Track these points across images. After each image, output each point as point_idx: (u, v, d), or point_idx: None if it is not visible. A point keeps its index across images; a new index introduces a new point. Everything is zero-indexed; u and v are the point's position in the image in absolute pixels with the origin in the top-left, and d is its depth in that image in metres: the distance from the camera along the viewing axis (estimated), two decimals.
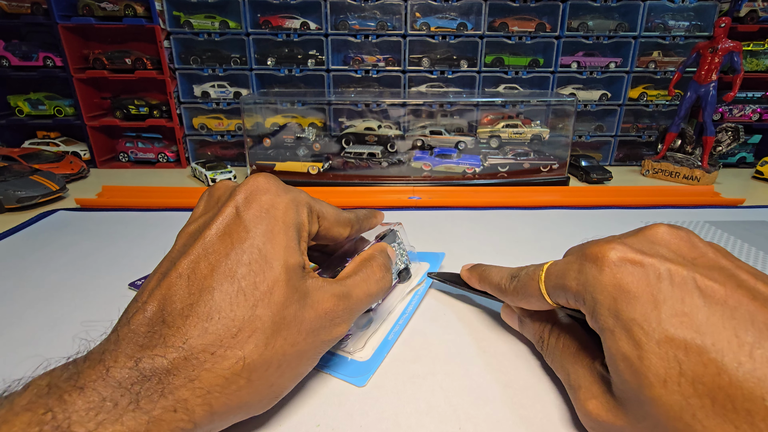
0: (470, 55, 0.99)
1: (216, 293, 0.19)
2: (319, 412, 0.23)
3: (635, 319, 0.17)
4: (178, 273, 0.20)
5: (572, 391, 0.22)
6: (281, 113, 0.95)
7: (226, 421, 0.20)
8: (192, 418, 0.17)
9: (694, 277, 0.17)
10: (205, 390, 0.18)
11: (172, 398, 0.17)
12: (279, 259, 0.21)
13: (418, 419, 0.22)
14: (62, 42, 0.86)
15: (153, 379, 0.17)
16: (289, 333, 0.20)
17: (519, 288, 0.25)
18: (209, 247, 0.21)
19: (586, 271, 0.20)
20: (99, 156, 0.96)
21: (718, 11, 0.95)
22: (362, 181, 0.81)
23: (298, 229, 0.23)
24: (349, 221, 0.28)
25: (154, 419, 0.16)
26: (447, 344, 0.29)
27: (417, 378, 0.26)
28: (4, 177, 0.64)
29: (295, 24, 0.95)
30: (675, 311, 0.17)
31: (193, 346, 0.18)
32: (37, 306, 0.34)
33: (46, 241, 0.48)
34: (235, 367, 0.19)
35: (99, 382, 0.16)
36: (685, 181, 0.86)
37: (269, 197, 0.22)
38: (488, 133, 0.93)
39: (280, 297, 0.20)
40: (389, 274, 0.27)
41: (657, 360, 0.16)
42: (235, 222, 0.21)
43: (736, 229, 0.52)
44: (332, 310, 0.22)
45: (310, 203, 0.25)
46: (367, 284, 0.25)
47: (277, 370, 0.20)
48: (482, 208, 0.60)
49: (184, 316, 0.19)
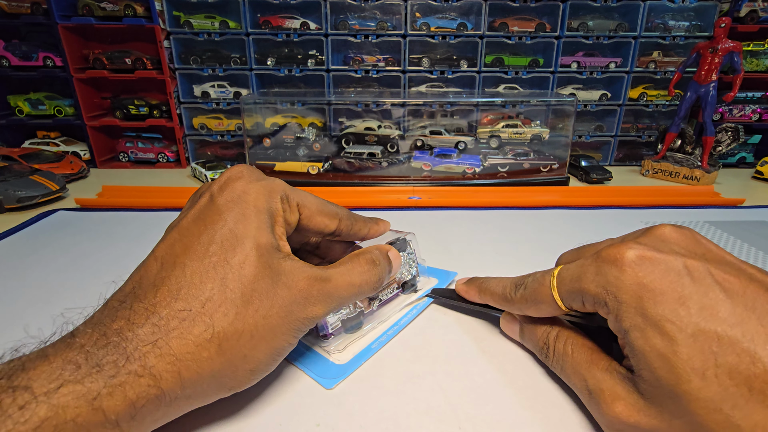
0: (470, 55, 0.99)
1: (187, 269, 0.20)
2: (319, 412, 0.23)
3: (665, 316, 0.17)
4: (155, 256, 0.21)
5: (592, 396, 0.21)
6: (281, 113, 0.95)
7: (200, 392, 0.20)
8: (159, 383, 0.18)
9: (711, 272, 0.18)
10: (174, 357, 0.18)
11: (138, 363, 0.17)
12: (250, 237, 0.21)
13: (418, 419, 0.22)
14: (62, 42, 0.86)
15: (119, 345, 0.17)
16: (260, 305, 0.20)
17: (527, 295, 0.25)
18: (184, 231, 0.22)
19: (605, 273, 0.20)
20: (99, 156, 0.96)
21: (718, 11, 0.95)
22: (362, 181, 0.81)
23: (270, 214, 0.23)
24: (336, 213, 0.27)
25: (118, 382, 0.17)
26: (447, 344, 0.29)
27: (417, 378, 0.25)
28: (4, 177, 0.64)
29: (295, 24, 0.95)
30: (702, 305, 0.17)
31: (162, 314, 0.19)
32: (37, 306, 0.34)
33: (46, 241, 0.48)
34: (204, 334, 0.19)
35: (63, 347, 0.17)
36: (685, 181, 0.86)
37: (242, 183, 0.23)
38: (488, 133, 0.93)
39: (251, 271, 0.21)
40: (377, 270, 0.26)
41: (692, 353, 0.16)
42: (209, 208, 0.22)
43: (736, 229, 0.52)
44: (306, 289, 0.22)
45: (285, 191, 0.25)
46: (350, 274, 0.24)
47: (249, 341, 0.20)
48: (482, 208, 0.60)
49: (155, 288, 0.19)
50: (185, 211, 0.24)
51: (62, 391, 0.15)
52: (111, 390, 0.16)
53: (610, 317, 0.20)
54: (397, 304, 0.33)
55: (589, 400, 0.21)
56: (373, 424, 0.22)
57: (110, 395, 0.16)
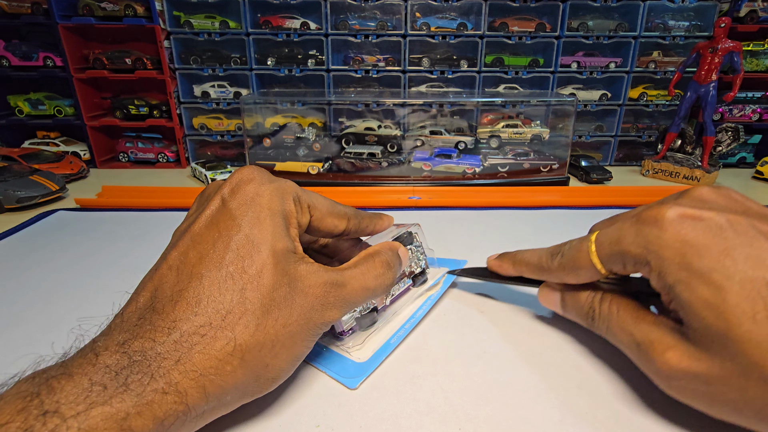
0: (470, 55, 0.99)
1: (205, 279, 0.20)
2: (319, 413, 0.23)
3: (711, 267, 0.18)
4: (168, 265, 0.21)
5: (641, 348, 0.21)
6: (281, 113, 0.95)
7: (224, 403, 0.20)
8: (184, 400, 0.17)
9: (753, 224, 0.18)
10: (197, 372, 0.18)
11: (163, 381, 0.17)
12: (266, 243, 0.21)
13: (418, 420, 0.22)
14: (62, 42, 0.86)
15: (142, 363, 0.17)
16: (280, 315, 0.20)
17: (565, 263, 0.25)
18: (197, 237, 0.21)
19: (646, 233, 0.20)
20: (99, 156, 0.96)
21: (718, 11, 0.95)
22: (362, 181, 0.81)
23: (284, 216, 0.23)
24: (345, 214, 0.27)
25: (145, 401, 0.16)
26: (447, 345, 0.29)
27: (417, 378, 0.25)
28: (4, 177, 0.64)
29: (295, 24, 0.95)
30: (747, 255, 0.18)
31: (183, 330, 0.18)
32: (37, 306, 0.34)
33: (46, 241, 0.48)
34: (227, 348, 0.19)
35: (88, 367, 0.17)
36: (685, 181, 0.86)
37: (254, 186, 0.23)
38: (488, 133, 0.93)
39: (269, 280, 0.20)
40: (391, 272, 0.26)
41: (742, 299, 0.17)
42: (222, 212, 0.22)
43: None
44: (323, 296, 0.22)
45: (297, 192, 0.25)
46: (364, 277, 0.24)
47: (270, 351, 0.20)
48: (482, 208, 0.60)
49: (173, 302, 0.19)
50: (193, 214, 0.24)
51: (91, 414, 0.15)
52: (139, 410, 0.16)
53: (653, 275, 0.20)
54: (409, 297, 0.33)
55: (638, 354, 0.22)
56: (373, 424, 0.22)
57: (139, 415, 0.16)
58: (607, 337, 0.25)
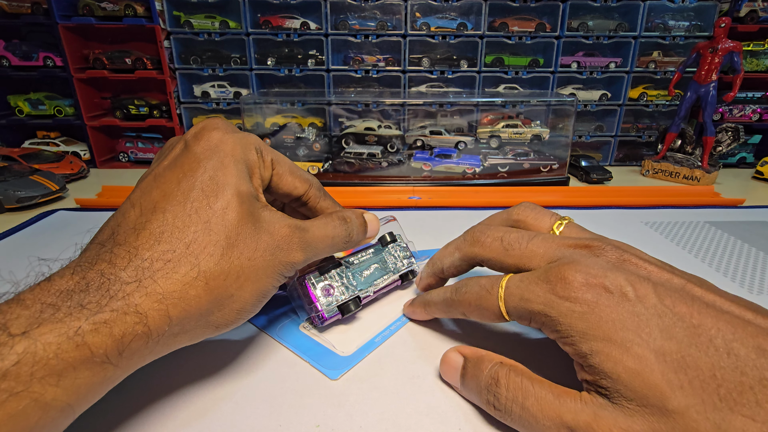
0: (470, 55, 0.99)
1: (168, 213, 0.20)
2: (319, 413, 0.23)
3: (631, 339, 0.18)
4: (131, 203, 0.21)
5: None
6: (281, 113, 0.95)
7: (187, 330, 0.19)
8: (145, 321, 0.17)
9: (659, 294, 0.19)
10: (160, 295, 0.18)
11: (122, 302, 0.17)
12: (231, 185, 0.21)
13: (418, 419, 0.22)
14: (62, 42, 0.86)
15: (101, 286, 0.17)
16: (245, 248, 0.21)
17: (472, 299, 0.24)
18: (160, 178, 0.21)
19: (556, 303, 0.20)
20: (99, 156, 0.96)
21: (718, 11, 0.95)
22: (362, 181, 0.81)
23: (247, 165, 0.23)
24: (307, 179, 0.28)
25: (102, 319, 0.16)
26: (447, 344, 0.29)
27: (417, 378, 0.25)
28: (4, 177, 0.64)
29: (295, 24, 0.95)
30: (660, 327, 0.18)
31: (144, 256, 0.18)
32: None
33: (46, 241, 0.48)
34: (191, 273, 0.19)
35: (40, 293, 0.16)
36: (685, 181, 0.86)
37: (218, 134, 0.23)
38: (488, 133, 0.93)
39: (234, 216, 0.21)
40: (347, 225, 0.27)
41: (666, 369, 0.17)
42: (185, 155, 0.22)
43: (736, 229, 0.52)
44: (288, 236, 0.23)
45: (260, 145, 0.25)
46: (324, 228, 0.26)
47: (236, 281, 0.20)
48: (482, 208, 0.60)
49: (135, 232, 0.19)
50: (156, 161, 0.24)
51: (41, 330, 0.15)
52: (95, 327, 0.16)
53: (563, 340, 0.20)
54: (397, 297, 0.33)
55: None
56: (373, 424, 0.22)
57: (95, 332, 0.16)
58: (518, 425, 0.20)
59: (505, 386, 0.20)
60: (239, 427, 0.22)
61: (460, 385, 0.23)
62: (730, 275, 0.40)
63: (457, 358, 0.24)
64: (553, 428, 0.18)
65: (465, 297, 0.25)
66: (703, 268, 0.41)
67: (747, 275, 0.40)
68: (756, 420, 0.15)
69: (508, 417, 0.20)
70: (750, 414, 0.15)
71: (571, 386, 0.20)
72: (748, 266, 0.42)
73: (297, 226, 0.24)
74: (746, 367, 0.16)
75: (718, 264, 0.42)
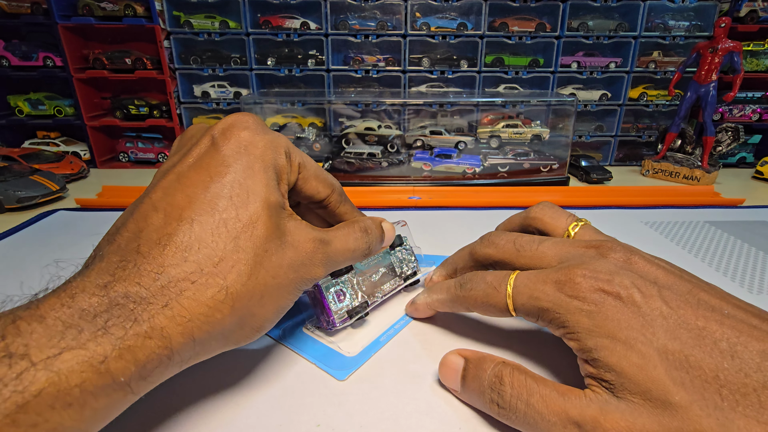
0: (470, 55, 0.99)
1: (195, 224, 0.19)
2: (319, 412, 0.23)
3: (635, 338, 0.18)
4: (153, 205, 0.19)
5: (584, 428, 0.18)
6: (281, 113, 0.95)
7: (207, 349, 0.19)
8: (169, 344, 0.17)
9: (663, 297, 0.19)
10: (186, 318, 0.17)
11: (147, 325, 0.16)
12: (260, 194, 0.21)
13: (418, 419, 0.22)
14: (62, 42, 0.86)
15: (125, 307, 0.16)
16: (270, 266, 0.20)
17: (478, 295, 0.25)
18: (184, 179, 0.20)
19: (565, 303, 0.20)
20: (99, 156, 0.96)
21: (718, 11, 0.95)
22: (362, 181, 0.81)
23: (276, 170, 0.23)
24: (331, 183, 0.27)
25: (126, 345, 0.16)
26: (447, 344, 0.29)
27: (417, 378, 0.25)
28: (4, 177, 0.64)
29: (295, 24, 0.95)
30: (664, 328, 0.18)
31: (171, 275, 0.18)
32: None
33: (46, 241, 0.48)
34: (218, 296, 0.18)
35: (62, 309, 0.15)
36: (685, 181, 0.86)
37: (248, 134, 0.22)
38: (488, 133, 0.93)
39: (262, 231, 0.20)
40: (368, 237, 0.27)
41: (669, 367, 0.17)
42: (212, 154, 0.21)
43: (736, 229, 0.51)
44: (312, 251, 0.22)
45: (289, 148, 0.24)
46: (347, 239, 0.25)
47: (259, 301, 0.20)
48: (482, 208, 0.60)
49: (161, 246, 0.18)
50: (177, 152, 0.22)
51: (64, 357, 0.14)
52: (119, 353, 0.15)
53: (568, 336, 0.20)
54: (401, 297, 0.33)
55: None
56: (373, 424, 0.22)
57: (118, 358, 0.15)
58: (523, 425, 0.20)
59: (509, 384, 0.20)
60: (239, 426, 0.22)
61: (460, 388, 0.23)
62: (730, 275, 0.40)
63: (458, 360, 0.23)
64: (560, 424, 0.18)
65: (471, 293, 0.25)
66: (703, 268, 0.41)
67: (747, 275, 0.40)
68: (760, 421, 0.15)
69: (512, 415, 0.20)
70: (754, 415, 0.16)
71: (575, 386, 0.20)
72: (748, 266, 0.42)
73: (321, 240, 0.23)
74: (750, 370, 0.16)
75: (718, 264, 0.42)
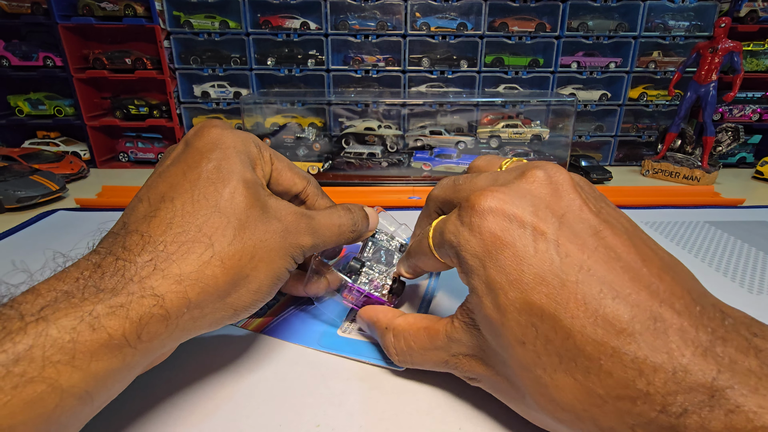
0: (470, 55, 0.99)
1: (177, 201, 0.20)
2: (319, 412, 0.23)
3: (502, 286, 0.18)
4: (138, 198, 0.21)
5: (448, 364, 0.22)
6: (281, 113, 0.95)
7: (207, 314, 0.20)
8: (163, 303, 0.17)
9: (557, 241, 0.17)
10: (177, 276, 0.18)
11: (138, 286, 0.17)
12: (236, 172, 0.22)
13: (419, 419, 0.22)
14: (62, 42, 0.86)
15: (117, 272, 0.17)
16: (256, 230, 0.21)
17: (414, 245, 0.25)
18: (164, 173, 0.22)
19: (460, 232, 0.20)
20: (99, 156, 0.96)
21: (718, 11, 0.95)
22: (362, 181, 0.81)
23: (250, 157, 0.24)
24: (305, 176, 0.28)
25: (119, 303, 0.16)
26: None
27: (417, 378, 0.26)
28: (4, 177, 0.64)
29: (295, 24, 0.95)
30: (536, 279, 0.17)
31: (158, 240, 0.18)
32: None
33: (46, 241, 0.48)
34: (206, 253, 0.19)
35: (55, 281, 0.16)
36: (685, 181, 0.86)
37: (218, 131, 0.23)
38: (488, 133, 0.93)
39: (242, 200, 0.21)
40: (351, 214, 0.28)
41: (517, 326, 0.17)
42: (187, 151, 0.23)
43: (736, 229, 0.52)
44: (295, 221, 0.23)
45: (258, 142, 0.26)
46: (330, 216, 0.26)
47: (250, 261, 0.21)
48: None
49: (147, 221, 0.19)
50: (159, 165, 0.24)
51: (56, 315, 0.15)
52: (112, 310, 0.16)
53: (461, 272, 0.21)
54: None
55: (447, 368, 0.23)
56: (374, 423, 0.22)
57: (111, 315, 0.16)
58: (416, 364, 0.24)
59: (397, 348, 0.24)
60: (239, 426, 0.22)
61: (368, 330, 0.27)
62: (729, 275, 0.40)
63: None
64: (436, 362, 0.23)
65: (411, 246, 0.26)
66: (703, 267, 0.41)
67: (747, 275, 0.40)
68: None
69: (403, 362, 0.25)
70: None
71: None
72: (748, 266, 0.42)
73: (303, 213, 0.24)
74: None
75: (718, 264, 0.42)
